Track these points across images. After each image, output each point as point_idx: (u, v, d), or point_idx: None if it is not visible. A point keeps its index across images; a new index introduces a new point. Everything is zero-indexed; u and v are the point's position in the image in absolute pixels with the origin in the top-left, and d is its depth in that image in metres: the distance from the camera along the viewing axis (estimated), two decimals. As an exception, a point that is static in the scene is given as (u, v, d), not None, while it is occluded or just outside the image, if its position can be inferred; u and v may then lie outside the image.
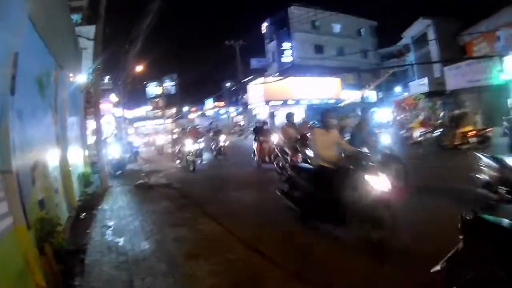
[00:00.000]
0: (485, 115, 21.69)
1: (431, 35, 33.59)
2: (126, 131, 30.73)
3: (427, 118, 23.02)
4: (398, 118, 29.99)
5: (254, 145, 13.36)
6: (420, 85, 32.89)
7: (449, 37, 30.75)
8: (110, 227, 6.46)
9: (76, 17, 10.65)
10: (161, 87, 61.16)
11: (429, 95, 31.34)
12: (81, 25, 11.18)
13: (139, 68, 27.28)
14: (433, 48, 33.69)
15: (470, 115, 15.73)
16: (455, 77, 27.42)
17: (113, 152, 13.86)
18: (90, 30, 10.41)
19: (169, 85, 64.00)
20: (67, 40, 7.86)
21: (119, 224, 6.60)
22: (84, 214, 7.21)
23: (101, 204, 8.39)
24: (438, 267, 2.44)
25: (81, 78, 10.52)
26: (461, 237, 2.25)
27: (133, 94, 43.54)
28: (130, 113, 44.94)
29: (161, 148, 23.51)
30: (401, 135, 19.77)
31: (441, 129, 15.78)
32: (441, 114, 20.83)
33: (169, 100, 59.79)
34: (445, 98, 29.27)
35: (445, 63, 28.72)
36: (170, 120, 52.49)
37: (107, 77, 23.34)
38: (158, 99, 62.46)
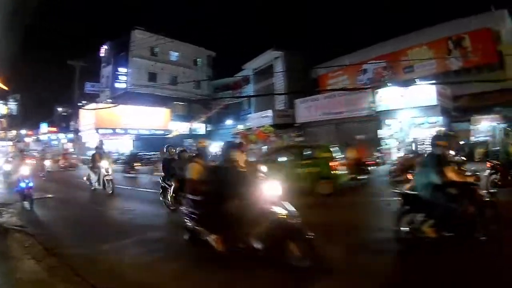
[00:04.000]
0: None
1: (278, 67, 30.94)
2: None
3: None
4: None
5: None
6: (263, 117, 29.24)
7: (298, 70, 28.45)
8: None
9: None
10: (6, 107, 52.43)
11: (276, 127, 27.63)
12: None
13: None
14: (279, 80, 31.08)
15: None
16: (308, 109, 24.95)
17: None
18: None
19: (12, 104, 55.84)
20: None
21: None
22: None
23: None
24: None
25: None
26: None
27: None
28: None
29: None
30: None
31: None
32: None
33: (11, 121, 53.10)
34: (295, 130, 26.22)
35: (302, 94, 26.06)
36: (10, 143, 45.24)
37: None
38: (2, 119, 54.06)
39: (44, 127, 47.17)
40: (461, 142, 13.27)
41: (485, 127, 16.96)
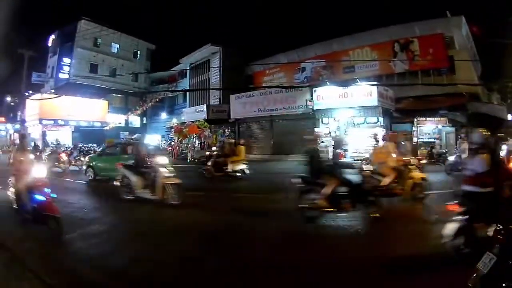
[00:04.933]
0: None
1: (215, 62, 29.32)
2: None
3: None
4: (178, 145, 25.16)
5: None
6: (198, 112, 27.89)
7: (235, 66, 27.39)
8: None
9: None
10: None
11: (210, 122, 26.16)
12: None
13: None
14: (215, 76, 29.47)
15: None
16: (243, 105, 23.74)
17: None
18: None
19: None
20: None
21: None
22: None
23: None
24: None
25: None
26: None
27: None
28: None
29: None
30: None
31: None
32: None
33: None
34: (229, 126, 24.96)
35: (238, 90, 25.06)
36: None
37: None
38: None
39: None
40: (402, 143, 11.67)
41: (429, 129, 16.61)
